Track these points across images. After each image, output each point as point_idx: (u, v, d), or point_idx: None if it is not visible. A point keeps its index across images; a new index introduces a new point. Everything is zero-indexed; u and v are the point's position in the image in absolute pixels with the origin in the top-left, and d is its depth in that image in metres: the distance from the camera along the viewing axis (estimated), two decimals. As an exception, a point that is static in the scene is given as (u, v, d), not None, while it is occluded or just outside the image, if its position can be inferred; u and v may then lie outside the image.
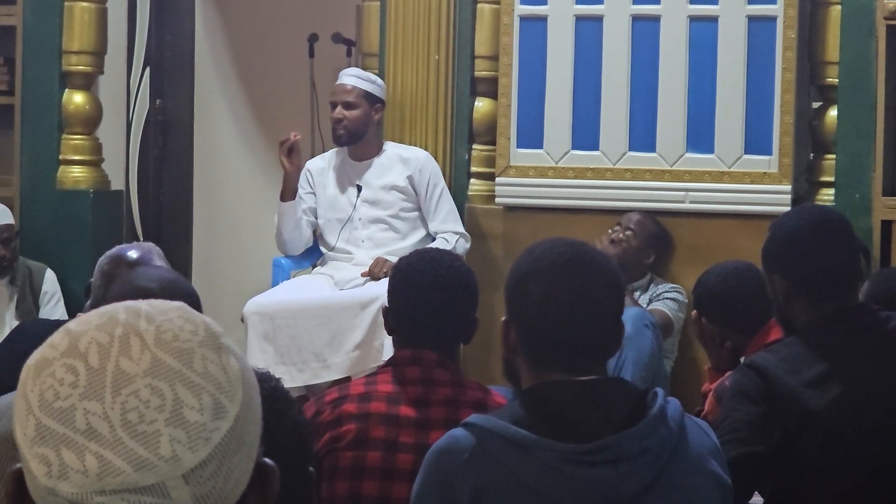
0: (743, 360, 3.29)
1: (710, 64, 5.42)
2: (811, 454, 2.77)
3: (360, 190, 5.54)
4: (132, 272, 2.84)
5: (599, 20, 5.54)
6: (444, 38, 5.70)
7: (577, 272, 2.20)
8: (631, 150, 5.52)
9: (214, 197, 7.30)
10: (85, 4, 5.88)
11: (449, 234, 5.51)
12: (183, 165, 7.19)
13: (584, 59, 5.55)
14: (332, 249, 5.60)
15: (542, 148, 5.62)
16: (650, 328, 4.72)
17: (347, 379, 4.66)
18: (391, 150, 5.60)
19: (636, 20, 5.50)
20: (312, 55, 7.24)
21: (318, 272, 5.63)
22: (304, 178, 5.63)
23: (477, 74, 5.76)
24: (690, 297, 4.39)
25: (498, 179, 5.67)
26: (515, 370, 2.25)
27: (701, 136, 5.44)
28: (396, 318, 3.03)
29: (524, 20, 5.62)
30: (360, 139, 5.53)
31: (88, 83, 5.99)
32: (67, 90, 5.90)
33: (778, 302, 2.98)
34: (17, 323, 5.32)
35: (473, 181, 5.79)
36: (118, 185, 6.48)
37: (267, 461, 1.15)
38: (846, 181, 5.31)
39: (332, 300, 5.29)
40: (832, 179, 5.36)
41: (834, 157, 5.37)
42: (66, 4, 5.86)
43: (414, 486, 2.21)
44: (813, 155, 5.53)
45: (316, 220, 5.65)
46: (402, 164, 5.55)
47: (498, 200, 5.69)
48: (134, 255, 3.45)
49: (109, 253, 3.48)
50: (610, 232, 5.37)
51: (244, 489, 1.11)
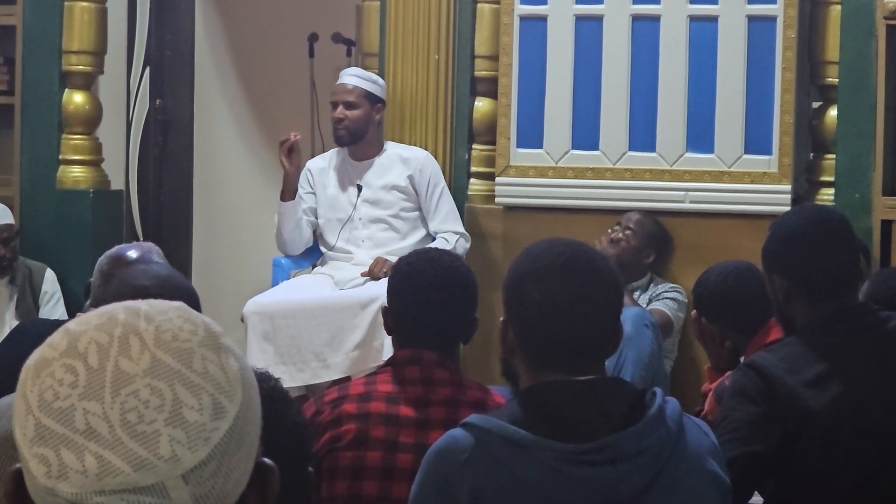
0: (743, 359, 3.29)
1: (710, 64, 5.42)
2: (811, 454, 2.77)
3: (360, 190, 5.53)
4: (128, 270, 2.84)
5: (599, 20, 5.54)
6: (443, 37, 5.70)
7: (575, 272, 2.19)
8: (631, 149, 5.52)
9: (214, 197, 7.30)
10: (85, 4, 5.87)
11: (449, 233, 5.51)
12: (183, 165, 7.18)
13: (583, 58, 5.55)
14: (331, 249, 5.59)
15: (541, 148, 5.62)
16: (650, 328, 4.72)
17: (347, 379, 4.65)
18: (392, 149, 5.60)
19: (636, 20, 5.50)
20: (312, 55, 7.23)
21: (318, 272, 5.63)
22: (304, 177, 5.62)
23: (477, 74, 5.76)
24: (690, 296, 4.39)
25: (498, 179, 5.67)
26: (514, 370, 2.25)
27: (701, 135, 5.44)
28: (396, 317, 3.03)
29: (524, 20, 5.62)
30: (360, 139, 5.53)
31: (88, 83, 5.98)
32: (67, 90, 5.89)
33: (778, 302, 2.98)
34: (16, 323, 5.31)
35: (473, 181, 5.79)
36: (118, 184, 6.47)
37: (266, 461, 1.15)
38: (846, 181, 5.31)
39: (331, 300, 5.29)
40: (832, 179, 5.36)
41: (834, 156, 5.37)
42: (66, 4, 5.85)
43: (413, 486, 2.21)
44: (813, 155, 5.53)
45: (316, 219, 5.65)
46: (402, 163, 5.55)
47: (498, 200, 5.69)
48: (134, 254, 3.45)
49: (109, 253, 3.49)
50: (609, 232, 5.37)
51: (244, 489, 1.11)
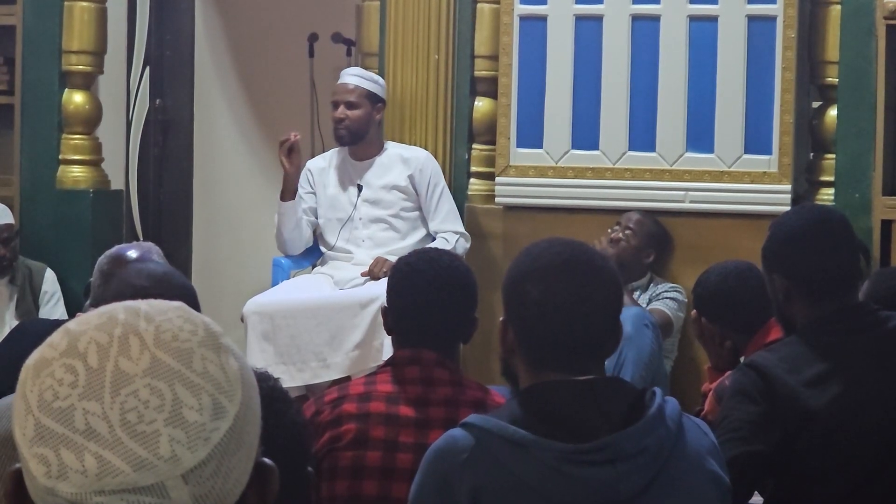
0: (743, 359, 3.29)
1: (709, 64, 5.42)
2: (811, 454, 2.77)
3: (360, 189, 5.53)
4: (125, 270, 2.84)
5: (599, 20, 5.54)
6: (443, 37, 5.70)
7: (574, 272, 2.19)
8: (631, 149, 5.52)
9: (214, 197, 7.29)
10: (85, 4, 5.87)
11: (449, 233, 5.51)
12: (183, 165, 7.18)
13: (583, 58, 5.55)
14: (331, 249, 5.59)
15: (541, 147, 5.62)
16: (650, 328, 4.72)
17: (347, 378, 4.65)
18: (392, 149, 5.60)
19: (636, 20, 5.50)
20: (312, 55, 7.23)
21: (317, 272, 5.63)
22: (304, 177, 5.62)
23: (477, 74, 5.76)
24: (690, 296, 4.39)
25: (498, 179, 5.67)
26: (513, 370, 2.25)
27: (701, 135, 5.44)
28: (395, 317, 3.03)
29: (524, 20, 5.62)
30: (361, 139, 5.53)
31: (88, 83, 5.98)
32: (67, 90, 5.89)
33: (778, 301, 2.98)
34: (16, 322, 5.31)
35: (473, 181, 5.79)
36: (118, 184, 6.47)
37: (266, 461, 1.15)
38: (846, 181, 5.31)
39: (331, 300, 5.29)
40: (832, 179, 5.36)
41: (834, 156, 5.37)
42: (65, 4, 5.85)
43: (412, 485, 2.21)
44: (813, 154, 5.52)
45: (316, 219, 5.65)
46: (402, 163, 5.55)
47: (498, 200, 5.69)
48: (133, 254, 3.45)
49: (109, 253, 3.49)
50: (609, 231, 5.37)
51: (243, 489, 1.11)
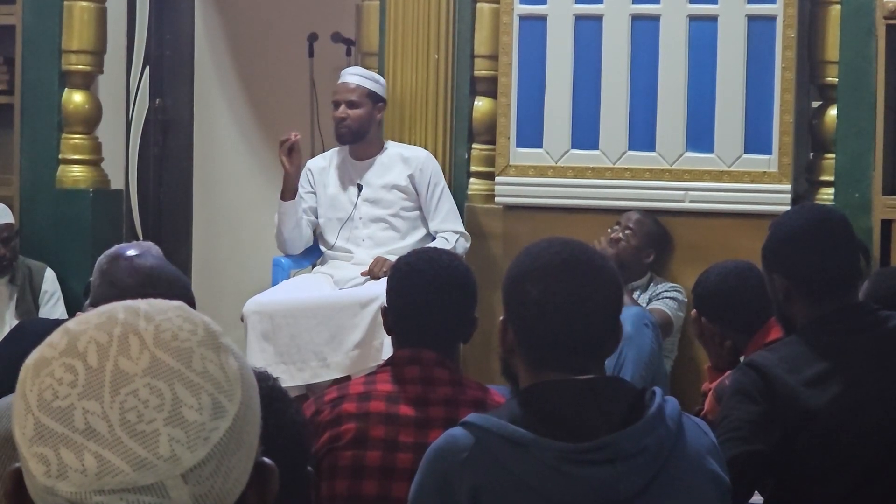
0: (742, 359, 3.29)
1: (709, 63, 5.42)
2: (811, 453, 2.77)
3: (360, 189, 5.53)
4: (113, 266, 2.83)
5: (599, 20, 5.54)
6: (443, 37, 5.70)
7: (574, 271, 2.19)
8: (630, 149, 5.52)
9: (214, 197, 7.29)
10: (84, 4, 5.87)
11: (449, 233, 5.51)
12: (183, 165, 7.18)
13: (583, 58, 5.55)
14: (331, 248, 5.59)
15: (541, 147, 5.62)
16: (650, 327, 4.72)
17: (347, 378, 4.65)
18: (392, 149, 5.60)
19: (636, 19, 5.49)
20: (312, 55, 7.23)
21: (317, 271, 5.63)
22: (304, 177, 5.62)
23: (476, 74, 5.76)
24: (690, 296, 4.39)
25: (497, 179, 5.67)
26: (513, 369, 2.25)
27: (701, 135, 5.44)
28: (395, 317, 3.03)
29: (524, 19, 5.62)
30: (362, 138, 5.53)
31: (88, 82, 5.98)
32: (67, 89, 5.89)
33: (778, 301, 2.98)
34: (16, 322, 5.31)
35: (473, 180, 5.79)
36: (118, 184, 6.47)
37: (266, 460, 1.15)
38: (846, 180, 5.31)
39: (331, 299, 5.28)
40: (832, 179, 5.36)
41: (834, 156, 5.36)
42: (65, 4, 5.85)
43: (412, 484, 2.21)
44: (813, 154, 5.52)
45: (316, 219, 5.65)
46: (402, 163, 5.55)
47: (497, 200, 5.69)
48: (133, 254, 3.44)
49: (109, 252, 3.48)
50: (609, 231, 5.37)
51: (243, 488, 1.11)
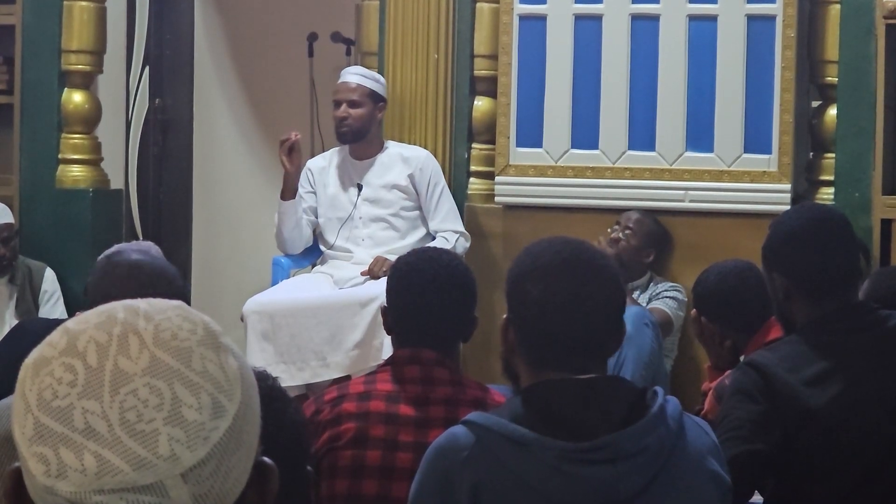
0: (743, 358, 3.29)
1: (709, 63, 5.42)
2: (811, 453, 2.77)
3: (360, 188, 5.53)
4: (101, 271, 2.84)
5: (599, 19, 5.54)
6: (443, 37, 5.70)
7: (575, 271, 2.19)
8: (630, 149, 5.52)
9: (214, 196, 7.29)
10: (84, 3, 5.87)
11: (449, 232, 5.51)
12: (183, 165, 7.18)
13: (583, 58, 5.55)
14: (331, 248, 5.59)
15: (541, 147, 5.62)
16: (650, 327, 4.72)
17: (347, 378, 4.65)
18: (392, 148, 5.60)
19: (635, 19, 5.49)
20: (312, 54, 7.23)
21: (317, 271, 5.63)
22: (304, 177, 5.62)
23: (476, 73, 5.76)
24: (690, 295, 4.39)
25: (497, 178, 5.67)
26: (514, 369, 2.25)
27: (700, 134, 5.44)
28: (395, 317, 3.03)
29: (523, 19, 5.62)
30: (363, 137, 5.53)
31: (88, 82, 5.98)
32: (67, 89, 5.89)
33: (778, 300, 2.97)
34: (16, 322, 5.31)
35: (473, 180, 5.79)
36: (118, 184, 6.47)
37: (266, 460, 1.15)
38: (846, 180, 5.31)
39: (331, 299, 5.28)
40: (832, 178, 5.36)
41: (833, 155, 5.36)
42: (65, 3, 5.84)
43: (413, 483, 2.21)
44: (812, 154, 5.52)
45: (316, 219, 5.65)
46: (403, 162, 5.55)
47: (497, 199, 5.69)
48: (133, 255, 3.44)
49: (108, 252, 3.48)
50: (609, 231, 5.37)
51: (243, 488, 1.11)
